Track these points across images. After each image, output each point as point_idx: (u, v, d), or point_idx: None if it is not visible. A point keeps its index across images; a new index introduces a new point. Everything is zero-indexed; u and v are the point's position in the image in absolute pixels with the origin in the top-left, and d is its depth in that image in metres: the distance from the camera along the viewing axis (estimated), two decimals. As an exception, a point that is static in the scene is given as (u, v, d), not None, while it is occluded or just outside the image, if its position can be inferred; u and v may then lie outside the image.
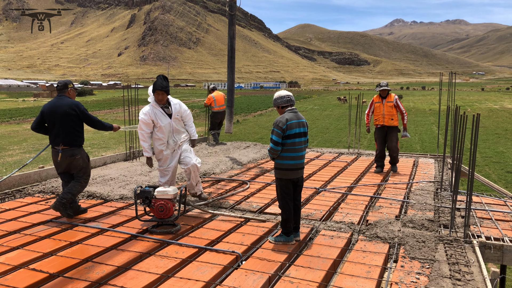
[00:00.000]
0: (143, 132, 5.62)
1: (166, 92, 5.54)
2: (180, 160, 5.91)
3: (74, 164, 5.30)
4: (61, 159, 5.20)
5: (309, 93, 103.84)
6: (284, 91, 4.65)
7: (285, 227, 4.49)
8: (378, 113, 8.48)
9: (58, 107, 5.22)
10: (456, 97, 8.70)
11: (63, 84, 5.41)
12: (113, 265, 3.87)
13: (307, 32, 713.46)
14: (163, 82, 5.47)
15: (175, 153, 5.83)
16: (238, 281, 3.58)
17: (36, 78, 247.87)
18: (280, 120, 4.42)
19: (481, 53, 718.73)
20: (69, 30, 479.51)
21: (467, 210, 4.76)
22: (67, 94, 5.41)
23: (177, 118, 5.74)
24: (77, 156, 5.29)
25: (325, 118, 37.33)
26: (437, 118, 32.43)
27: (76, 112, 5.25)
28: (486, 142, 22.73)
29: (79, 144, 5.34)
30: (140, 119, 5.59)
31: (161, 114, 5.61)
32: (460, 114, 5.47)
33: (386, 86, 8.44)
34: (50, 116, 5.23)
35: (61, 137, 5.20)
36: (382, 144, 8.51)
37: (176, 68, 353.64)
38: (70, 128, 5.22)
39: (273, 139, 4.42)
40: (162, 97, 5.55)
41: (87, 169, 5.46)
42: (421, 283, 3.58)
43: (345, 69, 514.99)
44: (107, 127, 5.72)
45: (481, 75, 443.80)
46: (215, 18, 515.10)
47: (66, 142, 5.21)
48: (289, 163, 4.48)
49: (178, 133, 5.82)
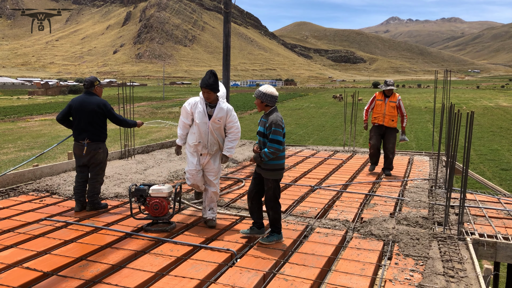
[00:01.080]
0: (181, 119, 5.19)
1: (212, 90, 4.81)
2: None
3: (95, 158, 5.53)
4: (86, 152, 5.42)
5: (305, 91, 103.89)
6: (274, 89, 4.48)
7: (277, 227, 4.47)
8: (378, 112, 8.05)
9: (87, 104, 5.46)
10: (451, 95, 8.72)
11: (89, 82, 5.63)
12: (108, 263, 3.86)
13: (303, 30, 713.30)
14: (208, 79, 4.80)
15: (201, 159, 5.05)
16: (232, 279, 3.58)
17: (31, 75, 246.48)
18: (279, 119, 4.33)
19: (476, 51, 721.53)
20: (64, 28, 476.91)
21: (461, 207, 4.78)
22: (94, 91, 5.64)
23: (218, 123, 4.95)
24: (100, 150, 5.53)
25: (321, 116, 37.38)
26: (432, 116, 32.58)
27: (103, 111, 5.50)
28: (481, 139, 22.85)
29: (103, 139, 5.60)
30: (182, 107, 5.24)
31: (203, 111, 4.94)
32: (454, 112, 5.49)
33: (392, 85, 8.01)
34: (78, 112, 5.46)
35: (87, 132, 5.44)
36: (377, 140, 8.09)
37: (172, 65, 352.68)
38: (96, 124, 5.48)
39: (279, 139, 4.25)
40: (208, 95, 4.86)
41: (104, 165, 5.72)
42: (415, 280, 3.60)
43: (341, 67, 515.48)
44: (131, 124, 6.02)
45: (476, 73, 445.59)
46: (211, 15, 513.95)
47: (92, 137, 5.45)
48: (283, 162, 4.46)
49: (213, 140, 5.00)
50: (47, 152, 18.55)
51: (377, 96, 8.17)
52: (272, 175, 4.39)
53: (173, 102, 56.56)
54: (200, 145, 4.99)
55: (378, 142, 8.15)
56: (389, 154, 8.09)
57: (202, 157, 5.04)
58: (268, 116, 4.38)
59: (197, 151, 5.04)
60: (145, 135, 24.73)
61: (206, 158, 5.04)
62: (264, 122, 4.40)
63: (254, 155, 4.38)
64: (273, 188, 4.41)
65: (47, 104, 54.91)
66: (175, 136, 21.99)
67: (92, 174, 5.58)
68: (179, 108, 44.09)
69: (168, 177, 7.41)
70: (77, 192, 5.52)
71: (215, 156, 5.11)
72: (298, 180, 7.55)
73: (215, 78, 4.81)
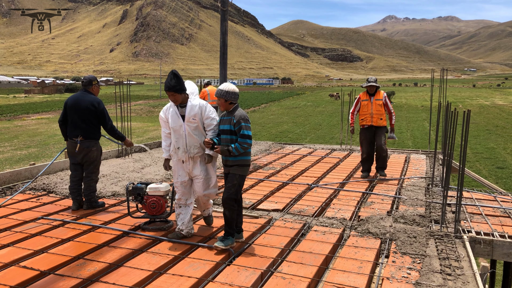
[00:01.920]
0: (162, 130, 4.81)
1: (176, 91, 4.41)
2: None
3: (89, 156, 5.50)
4: (78, 149, 5.41)
5: (302, 90, 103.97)
6: (234, 86, 4.42)
7: (232, 227, 4.27)
8: (365, 112, 7.60)
9: (81, 102, 5.47)
10: (447, 94, 8.73)
11: (87, 80, 5.65)
12: (105, 262, 3.85)
13: (300, 28, 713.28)
14: (170, 81, 4.41)
15: (185, 166, 4.57)
16: (230, 277, 3.58)
17: (27, 74, 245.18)
18: (245, 114, 4.33)
19: (472, 50, 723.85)
20: (60, 26, 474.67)
21: (458, 205, 4.80)
22: (91, 90, 5.64)
23: (193, 122, 4.49)
24: (93, 148, 5.51)
25: (318, 114, 37.41)
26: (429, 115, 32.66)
27: (96, 109, 5.48)
28: (477, 138, 22.93)
29: (96, 137, 5.58)
30: (159, 117, 4.85)
31: (175, 114, 4.53)
32: (451, 110, 5.50)
33: (374, 82, 7.65)
34: (72, 109, 5.47)
35: (80, 129, 5.43)
36: (369, 146, 7.66)
37: (168, 64, 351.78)
38: (89, 122, 5.46)
39: (250, 134, 4.26)
40: (174, 98, 4.45)
41: (98, 163, 5.68)
42: (412, 278, 3.61)
43: (338, 66, 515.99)
44: (118, 136, 5.83)
45: (473, 72, 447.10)
46: (208, 14, 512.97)
47: (84, 135, 5.43)
48: (250, 158, 4.41)
49: (192, 142, 4.50)
50: (43, 151, 18.47)
51: (362, 97, 7.75)
52: (241, 171, 4.28)
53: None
54: (180, 150, 4.52)
55: (369, 148, 7.69)
56: (382, 153, 7.61)
57: (185, 164, 4.54)
58: (233, 113, 4.32)
59: (178, 159, 4.56)
60: (142, 134, 24.70)
61: (189, 164, 4.54)
62: (229, 120, 4.31)
63: (221, 148, 4.25)
64: (237, 185, 4.25)
65: (44, 102, 54.71)
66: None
67: (86, 172, 5.56)
68: (176, 106, 44.00)
69: (165, 176, 7.40)
70: (73, 191, 5.51)
71: (199, 160, 4.55)
72: (296, 178, 7.56)
73: (177, 78, 4.43)
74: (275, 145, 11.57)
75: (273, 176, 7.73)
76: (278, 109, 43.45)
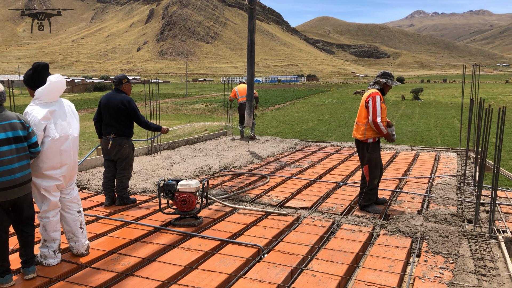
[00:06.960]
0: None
1: (28, 86, 3.80)
2: None
3: (121, 153, 5.66)
4: (111, 146, 5.58)
5: (327, 87, 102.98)
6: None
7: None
8: (383, 119, 5.57)
9: (112, 100, 5.66)
10: (479, 90, 8.48)
11: (118, 80, 5.83)
12: (138, 256, 3.95)
13: (326, 24, 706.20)
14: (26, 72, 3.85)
15: None
16: (261, 273, 3.62)
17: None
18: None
19: (505, 44, 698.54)
20: (89, 26, 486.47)
21: (492, 204, 4.68)
22: (122, 88, 5.81)
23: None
24: (125, 145, 5.66)
25: (344, 111, 37.00)
26: (458, 112, 31.70)
27: (126, 108, 5.63)
28: (510, 135, 22.19)
29: (128, 135, 5.73)
30: None
31: None
32: (485, 107, 5.36)
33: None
34: (104, 107, 5.69)
35: (112, 127, 5.61)
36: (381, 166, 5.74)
37: (194, 62, 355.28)
38: (120, 120, 5.64)
39: None
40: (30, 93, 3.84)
41: (130, 160, 5.83)
42: (445, 278, 3.55)
43: (364, 62, 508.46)
44: (153, 128, 6.02)
45: (505, 67, 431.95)
46: (233, 12, 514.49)
47: (117, 132, 5.60)
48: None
49: None
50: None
51: (382, 98, 5.56)
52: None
53: (196, 99, 56.96)
54: None
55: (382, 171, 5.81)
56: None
57: None
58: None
59: None
60: (169, 132, 25.02)
61: None
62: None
63: None
64: None
65: (73, 101, 55.97)
66: (198, 132, 22.20)
67: (119, 169, 5.71)
68: (201, 104, 44.43)
69: (194, 173, 7.50)
70: (105, 187, 5.67)
71: None
72: (323, 176, 7.53)
73: (34, 70, 3.72)
74: (301, 143, 11.54)
75: (300, 174, 7.72)
76: (303, 107, 43.18)
